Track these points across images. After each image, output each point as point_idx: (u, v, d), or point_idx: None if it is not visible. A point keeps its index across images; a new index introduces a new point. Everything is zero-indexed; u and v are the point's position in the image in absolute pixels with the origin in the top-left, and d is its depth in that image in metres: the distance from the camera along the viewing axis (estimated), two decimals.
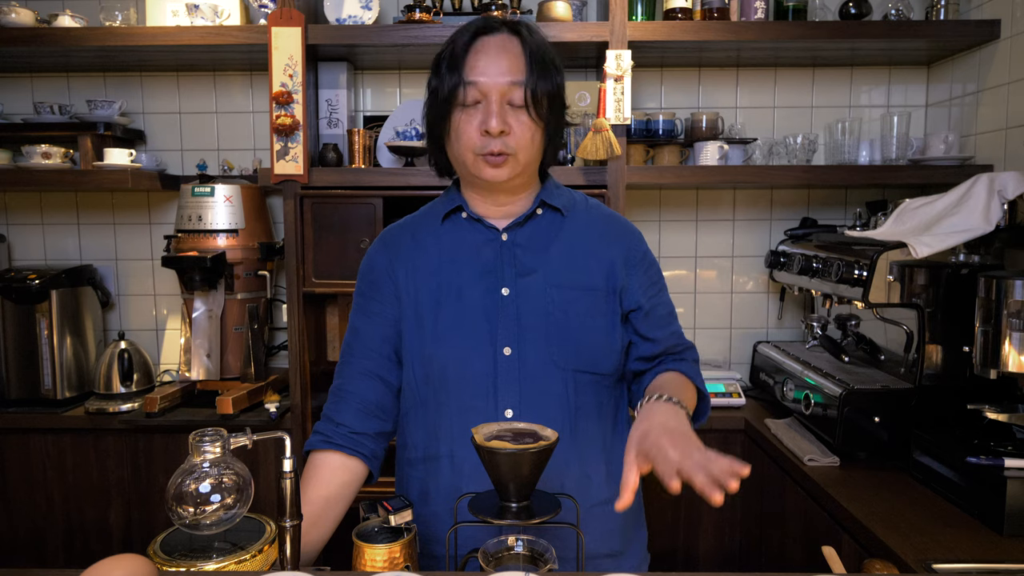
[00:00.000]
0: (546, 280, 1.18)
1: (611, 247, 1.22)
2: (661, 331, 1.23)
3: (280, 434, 1.02)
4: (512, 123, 1.11)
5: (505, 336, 1.15)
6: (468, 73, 1.10)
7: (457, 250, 1.20)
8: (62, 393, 2.30)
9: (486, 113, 1.10)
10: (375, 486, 2.21)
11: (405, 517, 1.01)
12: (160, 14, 2.24)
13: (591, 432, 1.20)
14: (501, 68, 1.10)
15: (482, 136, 1.10)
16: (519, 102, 1.11)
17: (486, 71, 1.10)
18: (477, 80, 1.10)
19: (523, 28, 1.15)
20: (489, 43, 1.12)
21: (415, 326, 1.19)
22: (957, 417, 1.61)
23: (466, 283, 1.18)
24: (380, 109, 2.51)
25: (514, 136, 1.11)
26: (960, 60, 2.26)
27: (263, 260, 2.31)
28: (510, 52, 1.11)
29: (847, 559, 1.44)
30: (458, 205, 1.22)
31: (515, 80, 1.10)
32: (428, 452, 1.20)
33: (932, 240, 1.64)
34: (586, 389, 1.18)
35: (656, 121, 2.33)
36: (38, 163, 2.31)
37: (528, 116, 1.12)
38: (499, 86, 1.10)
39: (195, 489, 0.95)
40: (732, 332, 2.58)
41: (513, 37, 1.13)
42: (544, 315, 1.16)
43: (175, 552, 0.96)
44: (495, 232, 1.20)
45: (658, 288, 1.26)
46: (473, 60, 1.11)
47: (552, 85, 1.14)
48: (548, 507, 0.96)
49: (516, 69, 1.11)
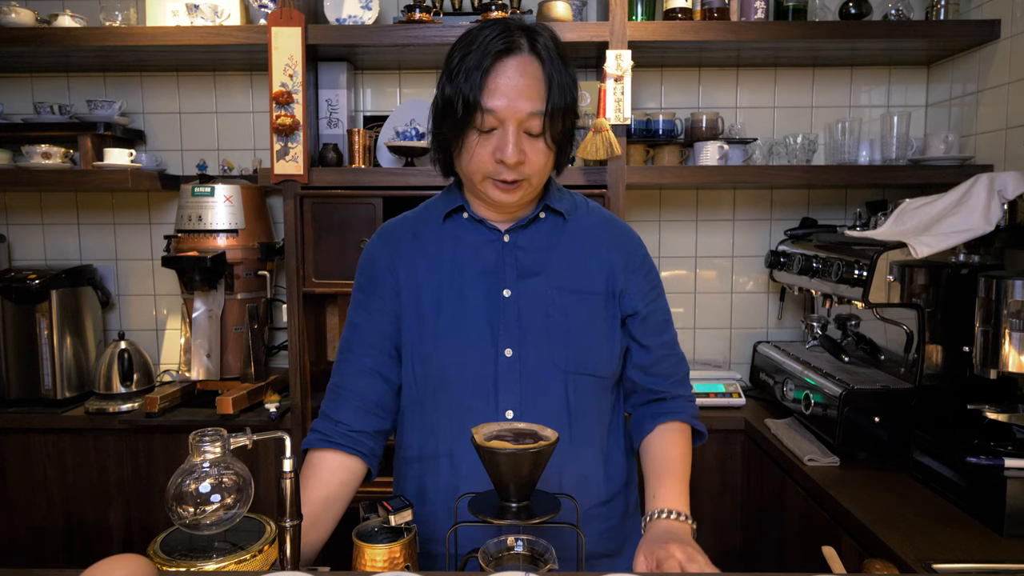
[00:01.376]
0: (547, 283, 1.18)
1: (611, 251, 1.22)
2: (656, 338, 1.24)
3: (280, 434, 1.02)
4: (527, 151, 1.09)
5: (507, 337, 1.15)
6: (486, 99, 1.06)
7: (458, 250, 1.20)
8: (62, 393, 2.30)
9: (502, 142, 1.07)
10: (375, 486, 2.21)
11: (405, 517, 1.01)
12: (160, 14, 2.24)
13: (589, 434, 1.20)
14: (520, 96, 1.06)
15: (496, 163, 1.09)
16: (536, 131, 1.08)
17: (506, 98, 1.06)
18: (495, 108, 1.06)
19: (542, 45, 1.09)
20: (509, 67, 1.07)
21: (415, 324, 1.19)
22: (957, 417, 1.61)
23: (467, 283, 1.18)
24: (380, 109, 2.51)
25: (529, 164, 1.10)
26: (960, 60, 2.26)
27: (263, 260, 2.31)
28: (530, 77, 1.07)
29: (847, 559, 1.44)
30: (460, 205, 1.21)
31: (534, 111, 1.07)
32: (425, 451, 1.20)
33: (932, 240, 1.64)
34: (585, 392, 1.18)
35: (656, 121, 2.33)
36: (38, 163, 2.31)
37: (544, 144, 1.10)
38: (518, 116, 1.07)
39: (195, 489, 0.95)
40: (732, 332, 2.58)
41: (534, 60, 1.08)
42: (545, 317, 1.16)
43: (175, 552, 0.96)
44: (497, 233, 1.20)
45: (656, 294, 1.26)
46: (493, 84, 1.06)
47: (569, 101, 1.11)
48: (548, 507, 0.96)
49: (536, 97, 1.07)
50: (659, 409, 1.25)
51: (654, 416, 1.24)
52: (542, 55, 1.09)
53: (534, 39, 1.09)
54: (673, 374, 1.27)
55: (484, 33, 1.09)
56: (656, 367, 1.25)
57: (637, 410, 1.28)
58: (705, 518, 2.16)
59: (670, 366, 1.27)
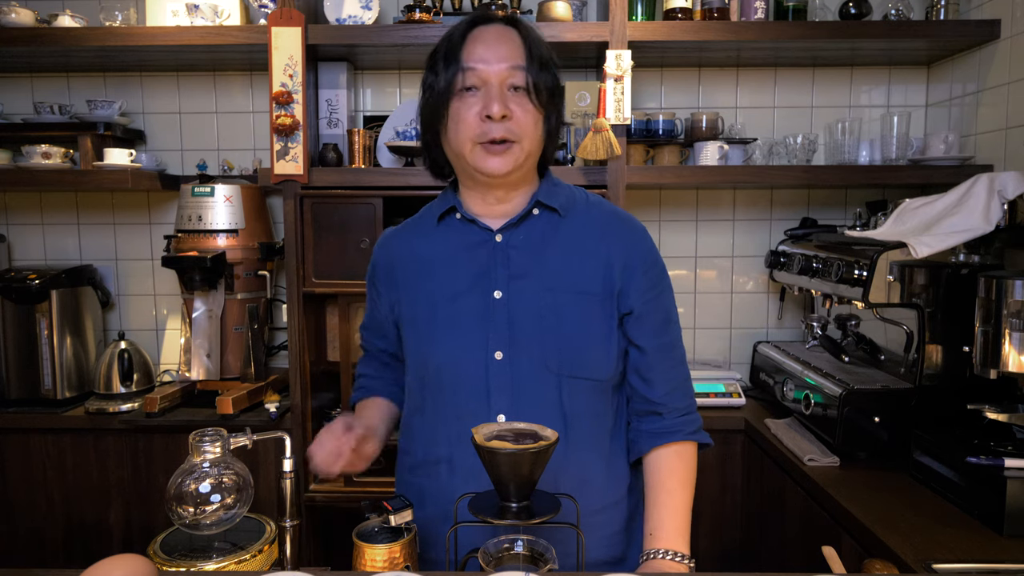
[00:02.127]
0: (540, 283, 1.15)
1: (611, 248, 1.17)
2: (653, 339, 1.18)
3: (280, 434, 1.03)
4: (514, 108, 1.08)
5: (496, 340, 1.13)
6: (467, 59, 1.08)
7: (452, 252, 1.19)
8: (62, 393, 2.30)
9: (487, 98, 1.08)
10: (374, 486, 2.21)
11: (405, 517, 1.01)
12: (160, 14, 2.24)
13: (587, 438, 1.17)
14: (500, 54, 1.08)
15: (483, 122, 1.08)
16: (521, 84, 1.09)
17: (485, 57, 1.08)
18: (476, 66, 1.08)
19: (519, 22, 1.14)
20: (487, 31, 1.11)
21: (412, 329, 1.19)
22: (957, 417, 1.61)
23: (461, 285, 1.17)
24: (380, 109, 2.51)
25: (517, 121, 1.09)
26: (960, 60, 2.26)
27: (263, 260, 2.31)
28: (509, 39, 1.10)
29: (847, 559, 1.43)
30: (452, 206, 1.20)
31: (515, 64, 1.08)
32: (427, 457, 1.19)
33: (932, 240, 1.64)
34: (580, 395, 1.15)
35: (656, 121, 2.33)
36: (38, 163, 2.31)
37: (530, 101, 1.10)
38: (499, 71, 1.08)
39: (195, 489, 0.96)
40: (732, 332, 2.58)
41: (510, 28, 1.12)
42: (537, 319, 1.13)
43: (175, 552, 0.96)
44: (489, 233, 1.18)
45: (656, 292, 1.19)
46: (471, 47, 1.09)
47: (551, 79, 1.13)
48: (548, 507, 0.95)
49: (516, 55, 1.09)
50: (656, 427, 1.19)
51: (651, 436, 1.19)
52: (518, 26, 1.13)
53: (512, 17, 1.15)
54: (670, 380, 1.19)
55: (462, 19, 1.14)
56: (652, 371, 1.18)
57: (634, 422, 1.22)
58: (705, 518, 2.16)
59: (667, 371, 1.19)
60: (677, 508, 1.16)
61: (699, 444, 1.22)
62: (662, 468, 1.18)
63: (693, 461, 1.20)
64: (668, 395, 1.19)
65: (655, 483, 1.18)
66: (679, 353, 1.23)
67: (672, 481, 1.17)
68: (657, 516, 1.16)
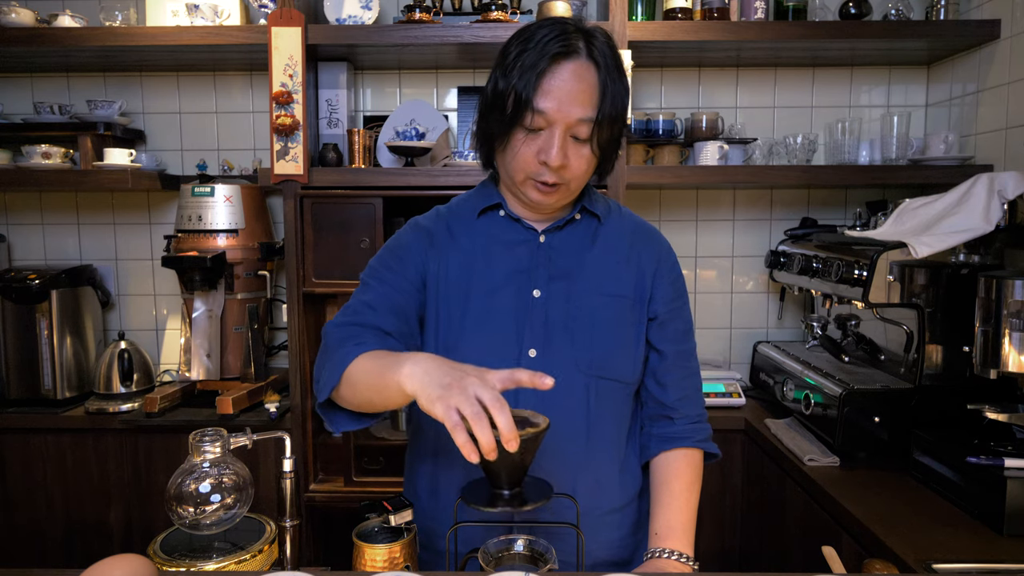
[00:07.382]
0: (578, 285, 1.17)
1: (642, 255, 1.21)
2: (672, 345, 1.22)
3: (280, 434, 1.03)
4: (571, 156, 1.09)
5: (532, 338, 1.15)
6: (539, 99, 1.05)
7: (491, 247, 1.19)
8: (62, 393, 2.30)
9: (548, 143, 1.07)
10: (375, 486, 2.21)
11: (405, 517, 1.01)
12: (160, 14, 2.24)
13: (606, 440, 1.18)
14: (573, 100, 1.06)
15: (539, 164, 1.09)
16: (584, 136, 1.08)
17: (558, 101, 1.05)
18: (546, 110, 1.06)
19: (599, 51, 1.08)
20: (565, 70, 1.06)
21: (438, 318, 1.17)
22: (957, 417, 1.61)
23: (498, 281, 1.17)
24: (380, 109, 2.51)
25: (570, 170, 1.09)
26: (960, 60, 2.26)
27: (263, 260, 2.31)
28: (584, 83, 1.07)
29: (847, 559, 1.43)
30: (497, 203, 1.20)
31: (584, 116, 1.07)
32: (440, 445, 1.18)
33: (932, 240, 1.64)
34: (606, 396, 1.17)
35: (656, 121, 2.33)
36: (38, 163, 2.31)
37: (589, 150, 1.10)
38: (567, 120, 1.06)
39: (195, 489, 0.96)
40: (732, 332, 2.58)
41: (590, 65, 1.07)
42: (572, 320, 1.15)
43: (175, 552, 0.96)
44: (533, 233, 1.19)
45: (681, 302, 1.24)
46: (547, 85, 1.05)
47: (620, 109, 1.11)
48: (540, 493, 0.94)
49: (588, 104, 1.07)
50: (667, 432, 1.22)
51: (661, 440, 1.22)
52: (598, 61, 1.08)
53: (591, 43, 1.09)
54: (684, 388, 1.23)
55: (542, 32, 1.08)
56: (668, 376, 1.22)
57: (646, 426, 1.25)
58: (705, 518, 2.16)
59: (682, 378, 1.23)
60: (682, 509, 1.17)
61: (707, 454, 1.24)
62: (669, 470, 1.20)
63: (699, 468, 1.23)
64: (681, 401, 1.23)
65: (661, 484, 1.20)
66: (695, 364, 1.27)
67: (678, 484, 1.19)
68: (662, 516, 1.17)
